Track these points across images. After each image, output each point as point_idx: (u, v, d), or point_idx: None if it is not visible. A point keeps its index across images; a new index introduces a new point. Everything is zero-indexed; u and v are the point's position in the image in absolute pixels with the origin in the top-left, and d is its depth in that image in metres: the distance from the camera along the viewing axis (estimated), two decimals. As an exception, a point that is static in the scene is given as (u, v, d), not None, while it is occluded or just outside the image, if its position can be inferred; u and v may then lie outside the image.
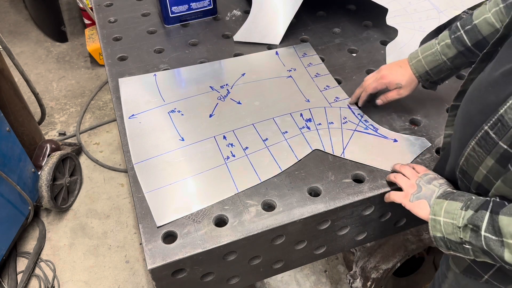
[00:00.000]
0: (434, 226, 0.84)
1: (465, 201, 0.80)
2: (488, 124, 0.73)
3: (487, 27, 1.01)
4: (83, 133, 2.66)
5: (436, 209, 0.84)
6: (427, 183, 0.93)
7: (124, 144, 1.17)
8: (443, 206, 0.83)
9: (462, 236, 0.78)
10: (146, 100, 1.30)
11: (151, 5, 1.75)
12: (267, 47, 1.52)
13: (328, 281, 1.95)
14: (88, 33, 3.08)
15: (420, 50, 1.13)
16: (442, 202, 0.84)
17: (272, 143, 1.16)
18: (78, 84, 3.01)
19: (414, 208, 0.91)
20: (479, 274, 0.89)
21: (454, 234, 0.79)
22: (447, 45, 1.07)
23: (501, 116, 0.70)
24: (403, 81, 1.14)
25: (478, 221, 0.75)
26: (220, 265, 1.00)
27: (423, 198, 0.90)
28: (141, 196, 1.04)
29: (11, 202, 1.86)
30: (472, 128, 0.78)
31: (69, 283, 1.98)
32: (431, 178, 0.94)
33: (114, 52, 1.50)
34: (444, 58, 1.08)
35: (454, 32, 1.06)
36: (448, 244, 0.82)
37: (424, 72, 1.12)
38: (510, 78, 0.71)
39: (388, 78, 1.15)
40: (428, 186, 0.92)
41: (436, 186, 0.91)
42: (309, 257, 1.15)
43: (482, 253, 0.76)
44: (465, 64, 1.08)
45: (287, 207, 1.01)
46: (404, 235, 1.50)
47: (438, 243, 0.84)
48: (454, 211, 0.80)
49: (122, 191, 2.34)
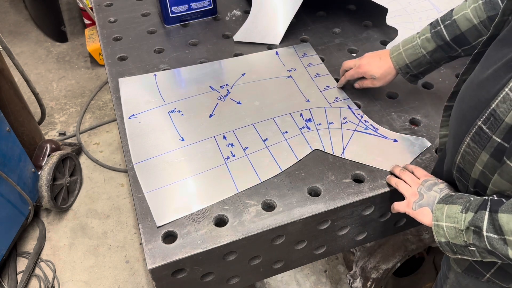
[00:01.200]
0: (438, 232, 0.83)
1: (464, 203, 0.80)
2: (481, 119, 0.73)
3: (465, 23, 1.03)
4: (83, 133, 2.66)
5: (438, 214, 0.84)
6: (428, 190, 0.92)
7: (124, 144, 1.17)
8: (444, 211, 0.83)
9: (466, 239, 0.78)
10: (146, 100, 1.30)
11: (151, 5, 1.75)
12: (267, 47, 1.52)
13: (328, 281, 1.95)
14: (88, 33, 3.08)
15: (402, 43, 1.16)
16: (443, 207, 0.84)
17: (272, 143, 1.16)
18: (78, 84, 3.02)
19: (418, 216, 0.91)
20: (480, 273, 0.89)
21: (458, 238, 0.79)
22: (427, 39, 1.10)
23: (493, 110, 0.71)
24: (377, 74, 1.19)
25: (478, 222, 0.75)
26: (220, 265, 1.00)
27: (425, 205, 0.90)
28: (141, 196, 1.04)
29: (11, 202, 1.86)
30: (466, 125, 0.78)
31: (69, 283, 1.98)
32: (431, 184, 0.94)
33: (114, 52, 1.50)
34: (423, 52, 1.11)
35: (435, 27, 1.09)
36: (453, 248, 0.82)
37: (404, 65, 1.15)
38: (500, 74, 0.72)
39: (364, 68, 1.20)
40: (429, 193, 0.91)
41: (437, 192, 0.91)
42: (309, 257, 1.15)
43: (487, 254, 0.76)
44: (444, 58, 1.11)
45: (287, 207, 1.01)
46: (404, 235, 1.50)
47: (444, 248, 0.84)
48: (455, 214, 0.80)
49: (122, 191, 2.34)
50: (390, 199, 1.07)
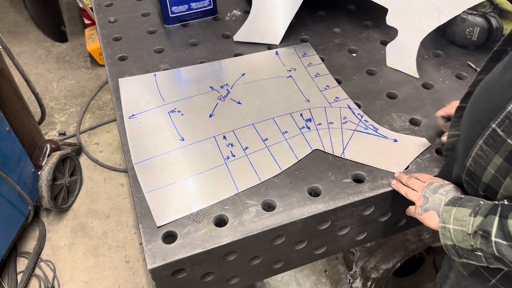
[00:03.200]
0: (444, 234, 0.82)
1: (474, 206, 0.78)
2: (496, 122, 0.71)
3: None
4: (83, 133, 2.66)
5: (445, 216, 0.83)
6: (433, 192, 0.91)
7: (124, 144, 1.17)
8: (452, 213, 0.81)
9: (473, 243, 0.77)
10: (146, 100, 1.30)
11: (151, 5, 1.75)
12: (267, 47, 1.52)
13: (328, 281, 1.95)
14: (88, 33, 3.08)
15: None
16: (451, 210, 0.82)
17: (272, 143, 1.16)
18: (78, 84, 3.01)
19: (425, 220, 0.90)
20: (486, 278, 0.88)
21: (465, 242, 0.78)
22: None
23: (509, 113, 0.69)
24: None
25: (487, 227, 0.73)
26: (220, 265, 1.00)
27: (431, 209, 0.89)
28: (141, 196, 1.04)
29: (11, 202, 1.86)
30: (479, 128, 0.76)
31: (69, 283, 1.98)
32: (437, 186, 0.92)
33: (114, 52, 1.50)
34: None
35: None
36: (459, 252, 0.81)
37: None
38: None
39: None
40: (435, 196, 0.90)
41: (443, 194, 0.89)
42: (309, 257, 1.15)
43: (494, 260, 0.75)
44: None
45: (287, 207, 1.01)
46: (404, 235, 1.50)
47: (450, 251, 0.83)
48: (463, 217, 0.79)
49: (122, 191, 2.34)
50: (390, 199, 1.07)
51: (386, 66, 1.42)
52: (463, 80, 1.36)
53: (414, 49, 1.37)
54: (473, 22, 1.37)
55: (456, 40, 1.45)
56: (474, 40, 1.40)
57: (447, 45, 1.49)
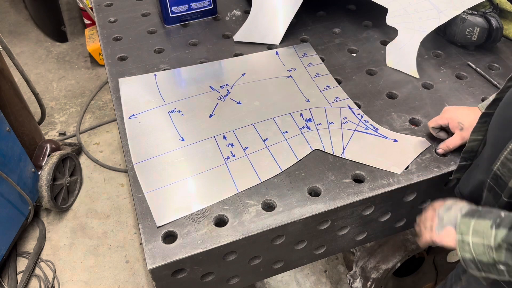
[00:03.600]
0: (463, 248, 0.79)
1: (494, 218, 0.76)
2: None
3: None
4: (83, 133, 2.66)
5: (463, 229, 0.80)
6: (447, 210, 0.88)
7: (124, 144, 1.17)
8: (470, 225, 0.79)
9: (496, 257, 0.74)
10: (146, 100, 1.30)
11: (151, 5, 1.75)
12: (267, 47, 1.52)
13: (328, 281, 1.95)
14: (88, 33, 3.08)
15: None
16: (469, 221, 0.80)
17: (272, 143, 1.16)
18: (78, 84, 3.01)
19: (443, 239, 0.87)
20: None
21: (486, 255, 0.75)
22: None
23: None
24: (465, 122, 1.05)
25: None
26: (220, 265, 1.00)
27: (448, 224, 0.86)
28: (141, 196, 1.04)
29: (11, 202, 1.86)
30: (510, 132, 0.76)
31: (69, 283, 1.98)
32: (450, 204, 0.90)
33: (114, 52, 1.50)
34: None
35: None
36: (479, 266, 0.78)
37: None
38: None
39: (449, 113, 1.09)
40: (449, 213, 0.87)
41: (457, 210, 0.86)
42: (309, 257, 1.15)
43: None
44: None
45: (287, 207, 1.01)
46: (404, 235, 1.50)
47: (468, 265, 0.79)
48: (483, 230, 0.76)
49: (122, 191, 2.34)
50: (390, 199, 1.07)
51: (386, 66, 1.42)
52: (463, 80, 1.36)
53: (414, 49, 1.37)
54: (473, 22, 1.37)
55: (456, 40, 1.45)
56: (474, 40, 1.40)
57: (447, 45, 1.49)
